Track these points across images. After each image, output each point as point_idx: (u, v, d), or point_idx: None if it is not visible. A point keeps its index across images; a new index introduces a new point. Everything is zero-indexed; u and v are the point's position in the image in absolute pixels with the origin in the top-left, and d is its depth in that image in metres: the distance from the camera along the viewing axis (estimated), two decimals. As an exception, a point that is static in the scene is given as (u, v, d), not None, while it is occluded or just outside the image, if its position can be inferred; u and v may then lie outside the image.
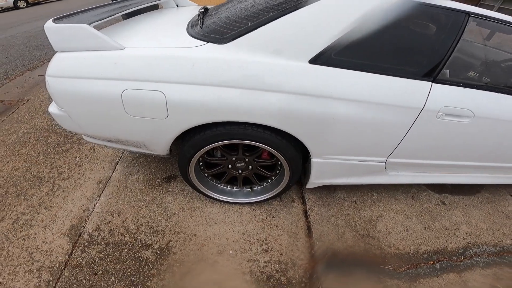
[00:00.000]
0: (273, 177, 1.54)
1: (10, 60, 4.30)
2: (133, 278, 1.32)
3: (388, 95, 1.13)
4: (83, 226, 1.55)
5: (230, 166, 1.47)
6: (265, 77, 1.07)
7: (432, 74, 1.14)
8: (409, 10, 1.07)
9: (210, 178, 1.58)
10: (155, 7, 1.95)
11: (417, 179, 1.59)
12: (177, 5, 1.99)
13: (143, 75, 1.09)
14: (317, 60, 1.07)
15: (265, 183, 1.58)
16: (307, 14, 1.05)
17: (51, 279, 1.33)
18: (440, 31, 1.13)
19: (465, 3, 1.14)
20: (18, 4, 11.81)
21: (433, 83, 1.14)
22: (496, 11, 10.07)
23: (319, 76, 1.08)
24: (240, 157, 1.41)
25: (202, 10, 1.50)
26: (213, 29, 1.17)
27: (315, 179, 1.49)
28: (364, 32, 1.06)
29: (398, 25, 1.08)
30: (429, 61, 1.13)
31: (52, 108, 1.31)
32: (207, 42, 1.11)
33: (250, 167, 1.47)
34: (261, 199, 1.60)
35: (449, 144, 1.32)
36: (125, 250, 1.44)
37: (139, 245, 1.46)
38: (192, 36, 1.18)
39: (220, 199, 1.62)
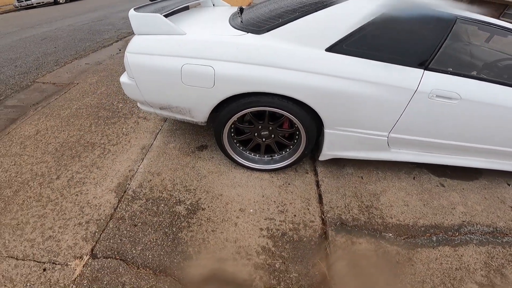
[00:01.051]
0: (291, 146, 1.82)
1: (58, 50, 4.86)
2: (166, 230, 1.54)
3: (388, 77, 1.41)
4: (128, 183, 1.84)
5: (256, 134, 1.77)
6: (290, 59, 1.39)
7: (424, 64, 1.42)
8: (409, 14, 1.37)
9: (238, 144, 1.88)
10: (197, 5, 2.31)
11: (416, 157, 1.83)
12: (213, 4, 2.36)
13: (199, 53, 1.42)
14: (332, 49, 1.40)
15: (283, 152, 1.86)
16: (324, 14, 1.39)
17: (97, 230, 1.54)
18: (432, 31, 1.42)
19: (490, 12, 1.44)
20: (58, 0, 12.83)
21: (425, 71, 1.43)
22: None
23: (332, 61, 1.40)
24: (266, 125, 1.70)
25: (239, 10, 1.84)
26: (252, 23, 1.51)
27: (327, 150, 1.76)
28: (369, 29, 1.37)
29: (397, 24, 1.39)
30: (422, 53, 1.42)
31: (124, 78, 1.68)
32: (248, 32, 1.45)
33: (273, 135, 1.76)
34: (279, 166, 1.88)
35: (442, 123, 1.57)
36: (162, 205, 1.69)
37: (174, 201, 1.72)
38: (234, 28, 1.52)
39: (245, 164, 1.91)
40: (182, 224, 1.59)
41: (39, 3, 12.29)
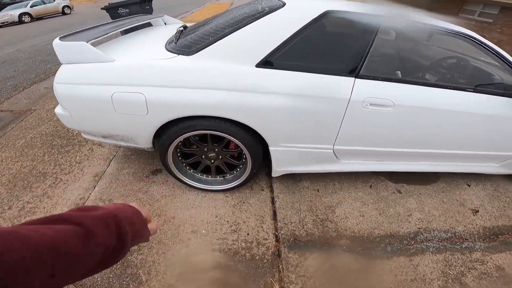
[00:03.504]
0: (240, 166, 1.79)
1: (18, 74, 4.72)
2: None
3: (321, 89, 1.40)
4: None
5: (203, 156, 1.74)
6: (220, 78, 1.37)
7: (355, 71, 1.42)
8: (325, 21, 1.38)
9: (188, 167, 1.84)
10: (148, 25, 2.29)
11: (367, 166, 1.82)
12: (165, 23, 2.34)
13: (127, 80, 1.39)
14: (261, 64, 1.37)
15: (235, 171, 1.83)
16: (251, 30, 1.38)
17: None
18: (358, 36, 1.42)
19: (448, 10, 1.45)
20: (23, 19, 12.73)
21: (356, 79, 1.42)
22: (477, 16, 10.37)
23: (263, 77, 1.38)
24: (210, 147, 1.67)
25: (181, 28, 1.82)
26: (184, 44, 1.48)
27: (277, 167, 1.74)
28: (296, 41, 1.37)
29: (324, 33, 1.39)
30: (351, 61, 1.42)
31: (58, 109, 1.62)
32: (178, 54, 1.42)
33: (220, 156, 1.72)
34: (233, 186, 1.84)
35: (381, 131, 1.56)
36: None
37: None
38: (167, 50, 1.50)
39: (198, 186, 1.86)
40: (132, 248, 1.55)
41: (3, 23, 12.07)
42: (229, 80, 1.37)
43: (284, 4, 1.44)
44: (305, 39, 1.38)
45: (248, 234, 1.67)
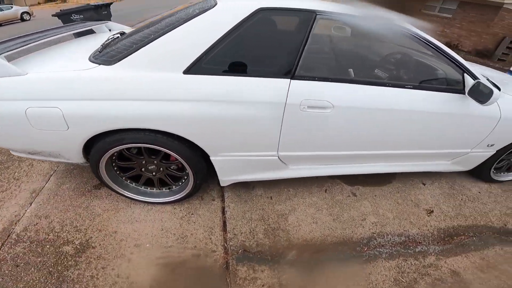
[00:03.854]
0: (185, 177, 1.69)
1: None
2: (51, 269, 1.45)
3: (255, 94, 1.32)
4: (13, 228, 1.66)
5: (143, 169, 1.63)
6: (144, 88, 1.26)
7: (290, 72, 1.34)
8: (258, 19, 1.29)
9: (129, 181, 1.73)
10: (91, 32, 2.13)
11: (318, 171, 1.77)
12: (110, 30, 2.19)
13: (41, 95, 1.25)
14: (190, 70, 1.27)
15: (180, 183, 1.73)
16: (177, 34, 1.27)
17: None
18: (291, 33, 1.34)
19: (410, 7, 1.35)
20: None
21: (291, 80, 1.34)
22: (438, 11, 10.58)
23: (192, 84, 1.28)
24: (148, 160, 1.56)
25: (114, 36, 1.69)
26: (108, 53, 1.36)
27: (223, 177, 1.65)
28: (227, 44, 1.28)
29: (254, 33, 1.30)
30: (285, 61, 1.34)
31: None
32: (99, 65, 1.30)
33: (161, 169, 1.62)
34: (180, 197, 1.74)
35: (325, 135, 1.50)
36: (47, 246, 1.56)
37: (61, 242, 1.58)
38: (90, 60, 1.37)
39: (143, 200, 1.75)
40: (69, 263, 1.48)
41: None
42: (154, 89, 1.26)
43: (215, 4, 1.35)
44: (237, 41, 1.29)
45: (195, 246, 1.59)
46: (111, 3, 4.78)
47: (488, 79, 1.77)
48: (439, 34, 10.01)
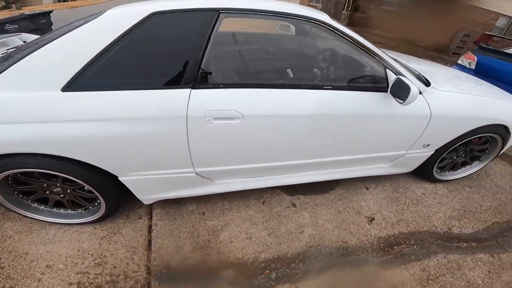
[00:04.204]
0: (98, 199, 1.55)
1: None
2: None
3: (149, 108, 1.18)
4: None
5: (47, 192, 1.47)
6: (16, 111, 1.10)
7: (190, 81, 1.20)
8: (151, 25, 1.15)
9: (36, 204, 1.56)
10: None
11: (250, 184, 1.66)
12: (24, 42, 1.98)
13: None
14: (69, 87, 1.12)
15: (96, 203, 1.59)
16: (52, 49, 1.12)
17: None
18: (190, 37, 1.20)
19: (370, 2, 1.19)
20: None
21: (192, 90, 1.20)
22: (395, 7, 10.70)
23: (73, 102, 1.13)
24: (49, 183, 1.41)
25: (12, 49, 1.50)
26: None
27: (142, 196, 1.52)
28: (115, 54, 1.13)
29: (146, 41, 1.17)
30: (184, 69, 1.20)
31: None
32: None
33: (68, 191, 1.47)
34: (95, 218, 1.59)
35: (241, 147, 1.39)
36: None
37: None
38: None
39: (59, 221, 1.60)
40: None
41: None
42: (29, 110, 1.10)
43: (102, 13, 1.18)
44: (126, 50, 1.15)
45: (115, 267, 1.46)
46: (51, 11, 4.45)
47: (419, 75, 1.69)
48: (398, 29, 10.04)
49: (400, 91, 1.31)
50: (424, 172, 2.05)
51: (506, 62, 3.04)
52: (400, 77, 1.33)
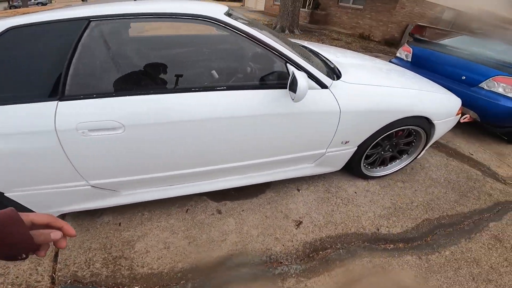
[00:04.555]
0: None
1: None
2: None
3: (18, 123, 1.11)
4: None
5: None
6: None
7: (57, 93, 1.13)
8: (8, 40, 1.08)
9: None
10: None
11: (161, 193, 1.60)
12: None
13: None
14: None
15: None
16: None
17: None
18: (54, 48, 1.14)
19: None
20: None
21: (59, 102, 1.14)
22: (352, 3, 11.09)
23: None
24: None
25: None
26: None
27: (40, 210, 1.44)
28: None
29: (7, 55, 1.09)
30: (49, 81, 1.13)
31: None
32: None
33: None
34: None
35: (131, 157, 1.33)
36: None
37: None
38: None
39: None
40: None
41: None
42: None
43: None
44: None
45: (17, 277, 1.39)
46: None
47: (335, 68, 1.65)
48: (355, 26, 10.34)
49: (294, 86, 1.26)
50: (353, 169, 2.02)
51: (439, 52, 3.07)
52: (295, 71, 1.27)
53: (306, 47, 2.22)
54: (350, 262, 1.58)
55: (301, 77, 1.22)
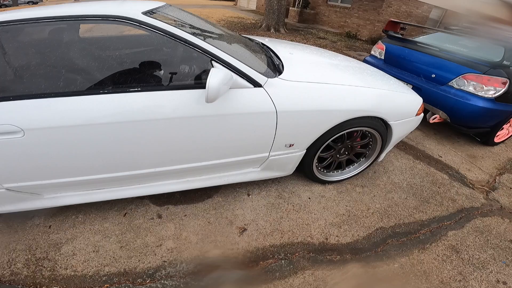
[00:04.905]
0: None
1: None
2: None
3: None
4: None
5: None
6: None
7: None
8: None
9: None
10: None
11: (89, 197, 1.52)
12: None
13: None
14: None
15: None
16: None
17: None
18: None
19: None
20: None
21: None
22: (340, 2, 10.96)
23: None
24: None
25: None
26: None
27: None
28: None
29: None
30: None
31: None
32: None
33: None
34: None
35: (37, 161, 1.25)
36: None
37: None
38: None
39: None
40: None
41: None
42: None
43: None
44: None
45: None
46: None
47: (279, 65, 1.55)
48: (343, 25, 10.18)
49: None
50: (306, 173, 1.91)
51: (410, 50, 2.93)
52: (212, 69, 1.18)
53: (263, 44, 2.12)
54: (290, 274, 1.47)
55: (214, 75, 1.13)
